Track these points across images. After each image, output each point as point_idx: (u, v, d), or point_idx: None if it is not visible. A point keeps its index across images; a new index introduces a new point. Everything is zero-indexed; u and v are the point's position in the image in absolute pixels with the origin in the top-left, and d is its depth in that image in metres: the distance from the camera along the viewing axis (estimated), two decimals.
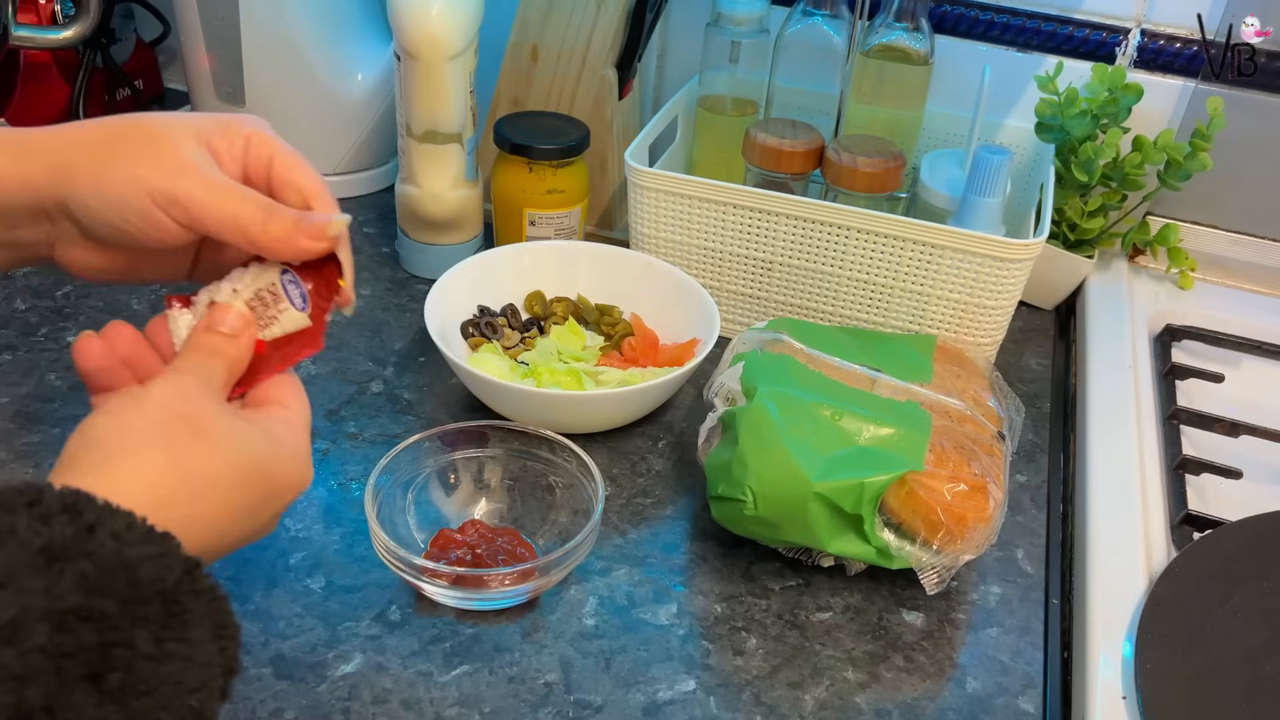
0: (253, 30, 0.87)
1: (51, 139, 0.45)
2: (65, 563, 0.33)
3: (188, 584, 0.36)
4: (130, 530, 0.35)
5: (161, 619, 0.35)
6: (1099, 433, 0.73)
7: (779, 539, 0.60)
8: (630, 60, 0.87)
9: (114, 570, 0.34)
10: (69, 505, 0.35)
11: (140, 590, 0.35)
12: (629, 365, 0.74)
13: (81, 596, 0.33)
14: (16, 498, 0.34)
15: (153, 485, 0.39)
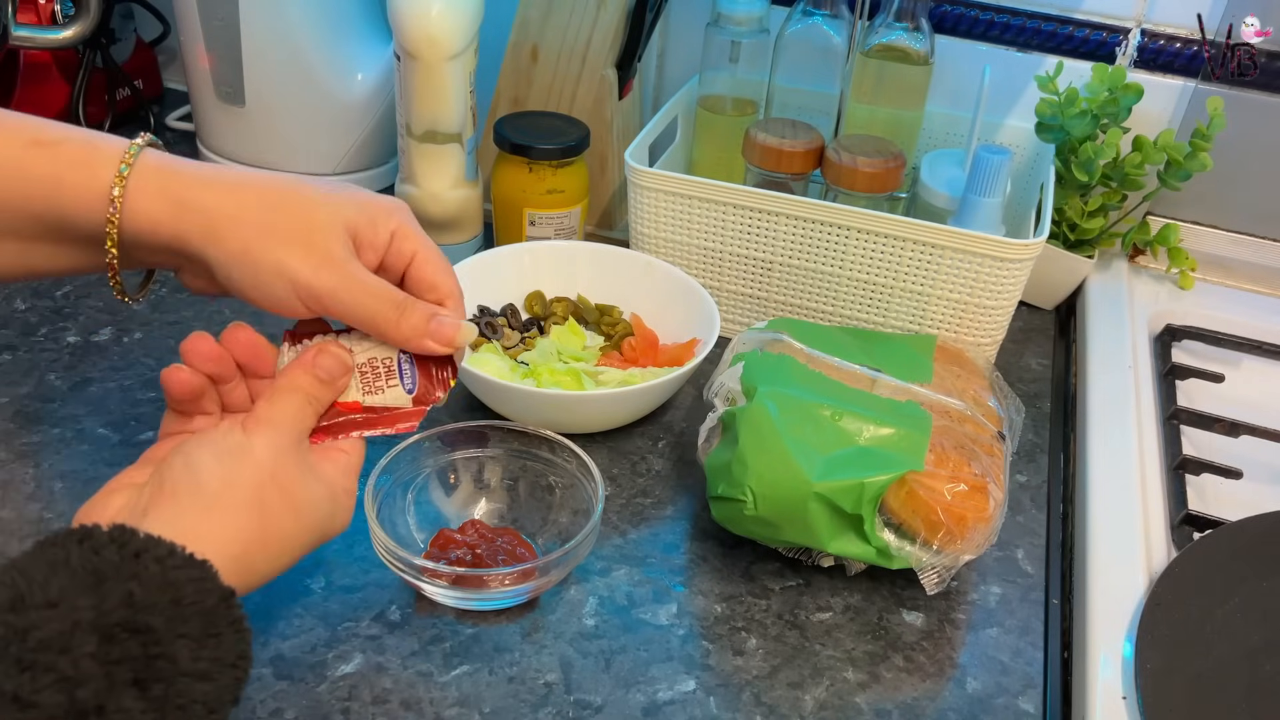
0: (253, 30, 0.87)
1: (211, 201, 0.47)
2: (114, 583, 0.37)
3: (224, 610, 0.40)
4: (172, 556, 0.39)
5: (199, 638, 0.38)
6: (1099, 433, 0.73)
7: (779, 539, 0.60)
8: (630, 60, 0.87)
9: (160, 589, 0.38)
10: (115, 537, 0.38)
11: (182, 609, 0.38)
12: (629, 365, 0.74)
13: (128, 612, 0.36)
14: (69, 536, 0.38)
15: (241, 543, 0.43)
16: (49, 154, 0.46)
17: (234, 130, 0.94)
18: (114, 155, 0.46)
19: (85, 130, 0.48)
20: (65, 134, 0.47)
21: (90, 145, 0.47)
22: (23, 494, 0.62)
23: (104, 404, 0.69)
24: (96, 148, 0.47)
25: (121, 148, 0.47)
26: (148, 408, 0.69)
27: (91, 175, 0.46)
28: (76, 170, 0.46)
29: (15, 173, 0.46)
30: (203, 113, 0.95)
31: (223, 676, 0.39)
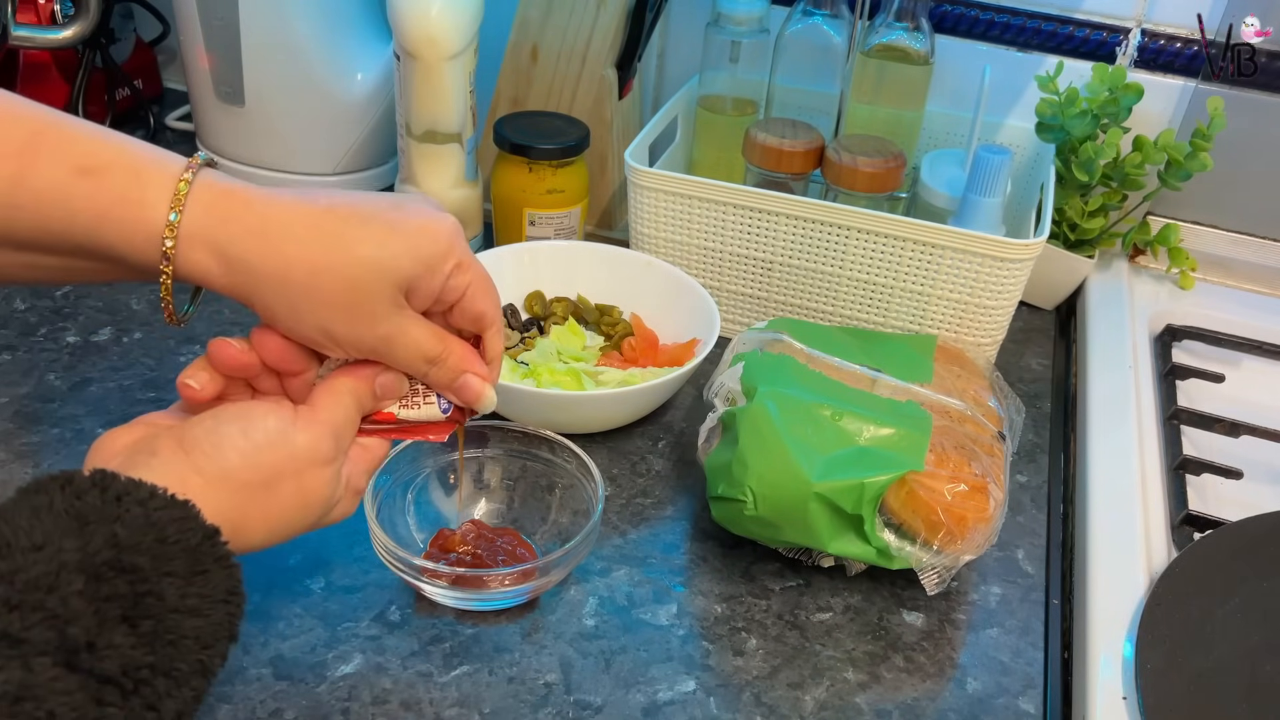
0: (252, 30, 0.87)
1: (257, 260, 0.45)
2: (97, 525, 0.37)
3: (208, 548, 0.40)
4: (154, 498, 0.39)
5: (186, 575, 0.39)
6: (1099, 433, 0.73)
7: (779, 539, 0.60)
8: (630, 60, 0.87)
9: (143, 529, 0.38)
10: (97, 482, 0.39)
11: (167, 548, 0.39)
12: (629, 365, 0.74)
13: (113, 553, 0.37)
14: (50, 482, 0.39)
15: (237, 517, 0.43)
16: (94, 185, 0.44)
17: (234, 130, 0.93)
18: (163, 192, 0.44)
19: (133, 151, 0.45)
20: (113, 157, 0.44)
21: (136, 175, 0.44)
22: None
23: (103, 404, 0.69)
24: (142, 178, 0.44)
25: (170, 179, 0.44)
26: (147, 408, 0.69)
27: (139, 213, 0.44)
28: (123, 207, 0.44)
29: (60, 202, 0.44)
30: (202, 113, 0.95)
31: (214, 612, 0.39)
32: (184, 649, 0.38)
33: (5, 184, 0.43)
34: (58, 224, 0.44)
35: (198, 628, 0.39)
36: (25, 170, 0.43)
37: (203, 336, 0.75)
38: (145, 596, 0.37)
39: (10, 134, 0.44)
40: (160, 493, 0.40)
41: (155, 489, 0.40)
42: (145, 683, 0.37)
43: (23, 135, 0.44)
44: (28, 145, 0.43)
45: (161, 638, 0.38)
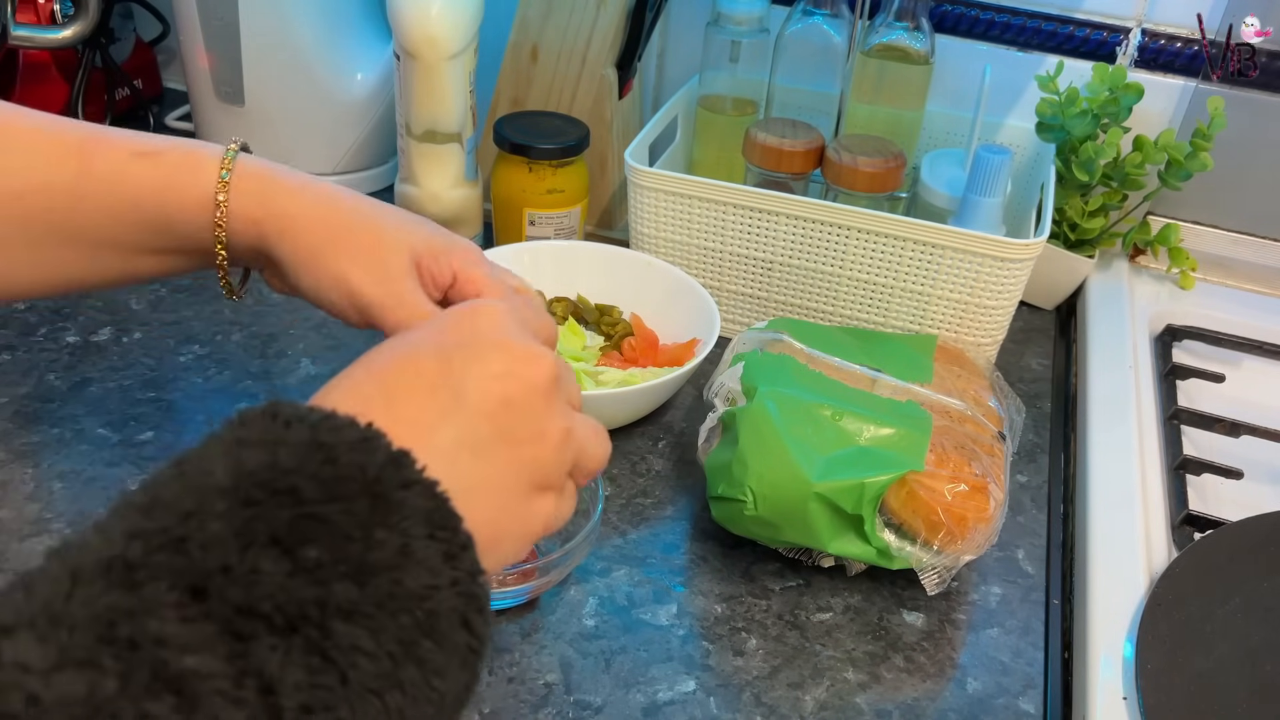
0: (252, 30, 0.87)
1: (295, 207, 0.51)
2: (254, 449, 0.31)
3: (394, 473, 0.32)
4: (325, 420, 0.33)
5: (366, 507, 0.31)
6: (1100, 433, 0.73)
7: (779, 539, 0.60)
8: (630, 60, 0.87)
9: (308, 451, 0.32)
10: (267, 410, 0.33)
11: (338, 471, 0.31)
12: (629, 365, 0.74)
13: (269, 475, 0.31)
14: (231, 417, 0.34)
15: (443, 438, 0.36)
16: (153, 162, 0.49)
17: (233, 130, 0.93)
18: (214, 161, 0.50)
19: (181, 139, 0.51)
20: (165, 144, 0.50)
21: (190, 153, 0.50)
22: (22, 494, 0.62)
23: (103, 404, 0.69)
24: (196, 154, 0.50)
25: (219, 153, 0.50)
26: (147, 407, 0.69)
27: (195, 180, 0.49)
28: (182, 175, 0.49)
29: (123, 181, 0.49)
30: (202, 113, 0.95)
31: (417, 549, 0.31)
32: (377, 591, 0.30)
33: (70, 177, 0.48)
34: (124, 205, 0.49)
35: (392, 563, 0.30)
36: (86, 162, 0.48)
37: (200, 336, 0.75)
38: (306, 519, 0.30)
39: (67, 137, 0.49)
40: (333, 414, 0.33)
41: (329, 411, 0.33)
42: (310, 622, 0.28)
43: (79, 138, 0.49)
44: (85, 142, 0.49)
45: (333, 569, 0.29)
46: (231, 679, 0.27)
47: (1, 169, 0.48)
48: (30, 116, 0.50)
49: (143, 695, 0.25)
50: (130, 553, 0.28)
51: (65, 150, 0.49)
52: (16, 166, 0.48)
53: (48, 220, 0.49)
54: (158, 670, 0.26)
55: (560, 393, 0.40)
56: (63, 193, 0.49)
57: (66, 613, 0.26)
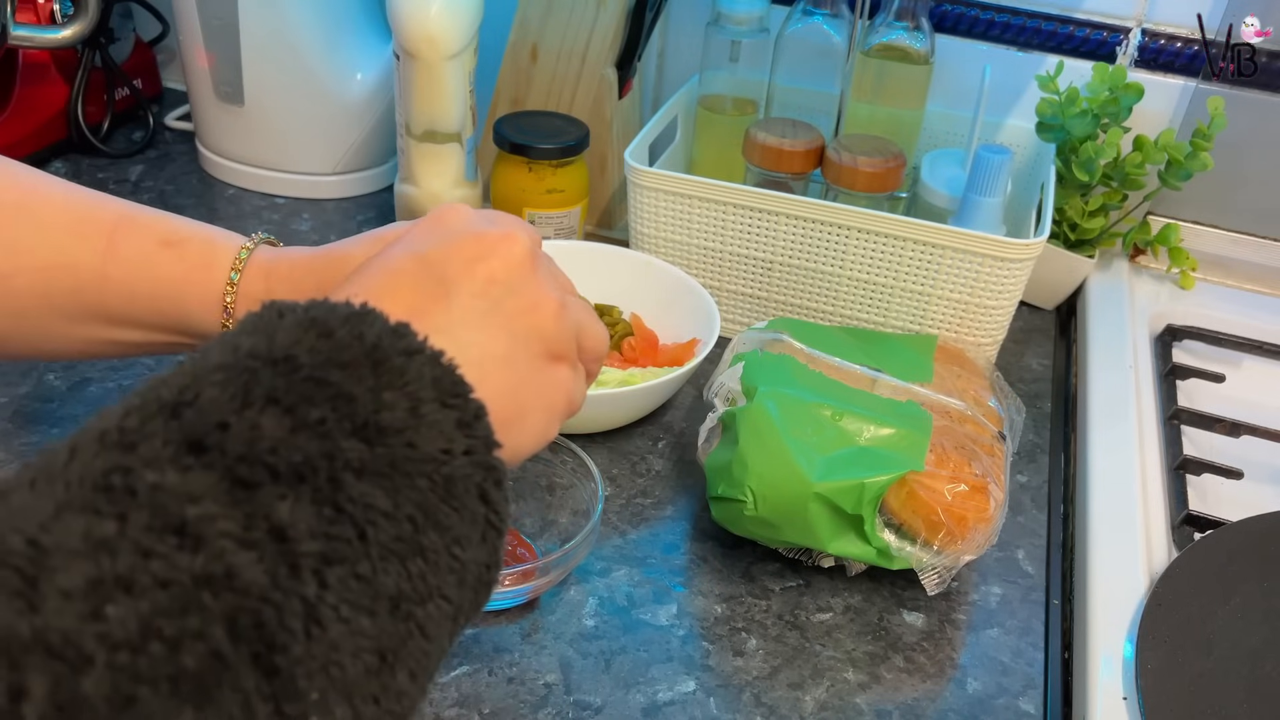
0: (252, 30, 0.87)
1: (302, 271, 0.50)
2: (248, 336, 0.31)
3: (393, 341, 0.31)
4: (316, 304, 0.32)
5: (369, 372, 0.30)
6: (1100, 433, 0.73)
7: (779, 539, 0.60)
8: (630, 60, 0.87)
9: (302, 328, 0.31)
10: (265, 304, 0.33)
11: (335, 342, 0.31)
12: (629, 365, 0.74)
13: (266, 349, 0.30)
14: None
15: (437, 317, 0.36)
16: (176, 254, 0.50)
17: (233, 130, 0.93)
18: (228, 258, 0.50)
19: (206, 227, 0.52)
20: (190, 232, 0.51)
21: (210, 246, 0.50)
22: None
23: (103, 404, 0.69)
24: (215, 249, 0.50)
25: (235, 249, 0.50)
26: None
27: (209, 277, 0.50)
28: (198, 271, 0.50)
29: (148, 270, 0.49)
30: (202, 112, 0.95)
31: (428, 412, 0.30)
32: (394, 447, 0.29)
33: (99, 257, 0.49)
34: (145, 293, 0.50)
35: (405, 423, 0.30)
36: (117, 244, 0.49)
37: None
38: (305, 383, 0.29)
39: (100, 218, 0.50)
40: (325, 300, 0.33)
41: (322, 300, 0.33)
42: (319, 473, 0.28)
43: (111, 218, 0.50)
44: (118, 224, 0.50)
45: (338, 427, 0.29)
46: (239, 522, 0.26)
47: (32, 245, 0.49)
48: (65, 192, 0.50)
49: (143, 535, 0.25)
50: (126, 422, 0.27)
51: (96, 231, 0.49)
52: (47, 243, 0.49)
53: (73, 296, 0.50)
54: (157, 514, 0.25)
55: (542, 266, 0.40)
56: (89, 272, 0.49)
57: (64, 473, 0.26)
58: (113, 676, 0.23)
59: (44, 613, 0.23)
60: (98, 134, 0.99)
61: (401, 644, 0.29)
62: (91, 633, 0.23)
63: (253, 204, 0.94)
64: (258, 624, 0.25)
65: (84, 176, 0.95)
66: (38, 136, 0.95)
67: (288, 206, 0.94)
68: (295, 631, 0.26)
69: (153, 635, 0.24)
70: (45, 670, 0.22)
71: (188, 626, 0.24)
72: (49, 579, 0.23)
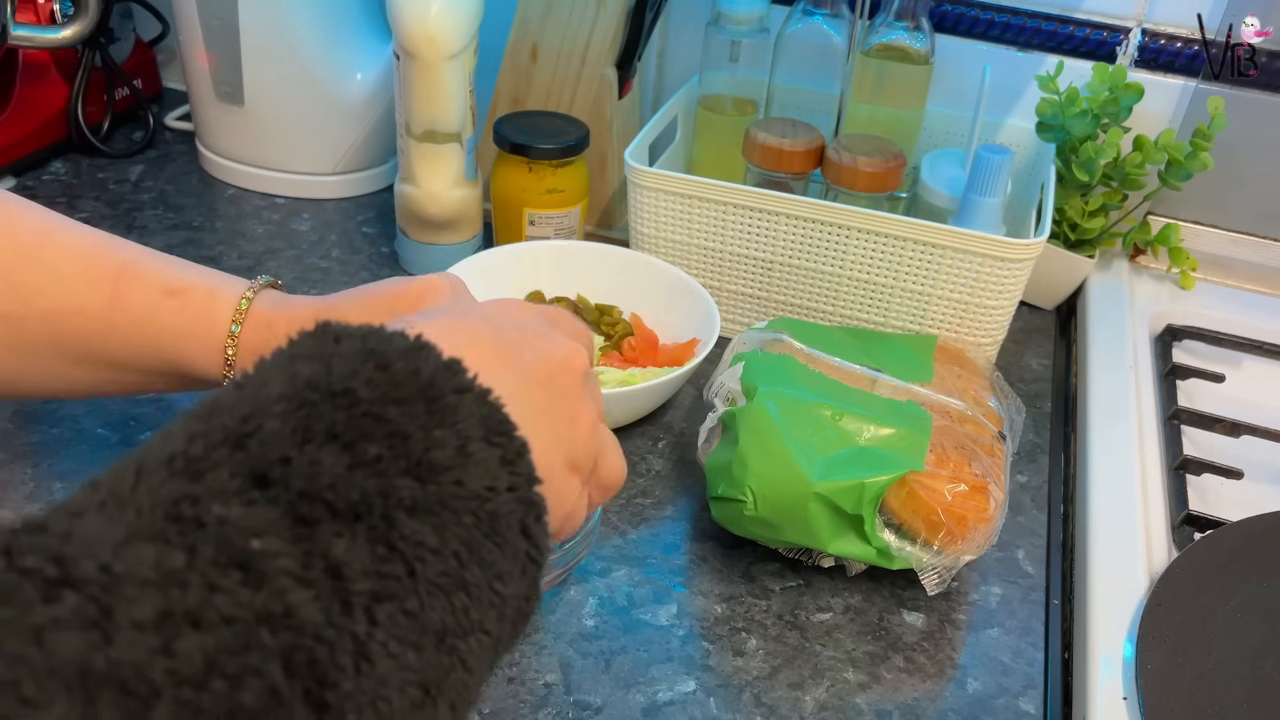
0: (252, 30, 0.87)
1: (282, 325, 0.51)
2: (306, 361, 0.31)
3: (447, 378, 0.32)
4: (374, 333, 0.33)
5: (423, 409, 0.31)
6: (1100, 433, 0.73)
7: (779, 539, 0.60)
8: (630, 60, 0.87)
9: (360, 359, 0.32)
10: (316, 329, 0.33)
11: (392, 375, 0.31)
12: (629, 365, 0.74)
13: (325, 380, 0.31)
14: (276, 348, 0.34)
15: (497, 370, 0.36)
16: (178, 304, 0.50)
17: (233, 130, 0.93)
18: (230, 309, 0.50)
19: (209, 275, 0.52)
20: (192, 280, 0.51)
21: (212, 295, 0.51)
22: (21, 494, 0.61)
23: (103, 404, 0.69)
24: (217, 299, 0.51)
25: (237, 299, 0.50)
26: (147, 408, 0.69)
27: (211, 329, 0.50)
28: (200, 322, 0.50)
29: (151, 319, 0.50)
30: (202, 112, 0.95)
31: (476, 451, 0.31)
32: (442, 491, 0.30)
33: (104, 305, 0.49)
34: (147, 341, 0.50)
35: (453, 462, 0.30)
36: (121, 293, 0.49)
37: None
38: (363, 419, 0.30)
39: (107, 264, 0.50)
40: (381, 328, 0.33)
41: (379, 327, 0.33)
42: (374, 512, 0.28)
43: (117, 265, 0.50)
44: (123, 273, 0.50)
45: (394, 465, 0.29)
46: (298, 560, 0.26)
47: (43, 289, 0.49)
48: (77, 237, 0.51)
49: (210, 569, 0.25)
50: (192, 449, 0.28)
51: (102, 278, 0.50)
52: (58, 289, 0.49)
53: (79, 341, 0.50)
54: (223, 547, 0.26)
55: (589, 384, 0.42)
56: (95, 319, 0.50)
57: (133, 498, 0.26)
58: (178, 712, 0.23)
59: (117, 645, 0.23)
60: (98, 134, 0.99)
61: (444, 676, 0.29)
62: (161, 667, 0.23)
63: (253, 204, 0.94)
64: (311, 661, 0.25)
65: (84, 176, 0.95)
66: (38, 136, 0.95)
67: (288, 206, 0.94)
68: (345, 668, 0.26)
69: (216, 672, 0.24)
70: (117, 705, 0.22)
71: (248, 663, 0.24)
72: (124, 609, 0.23)
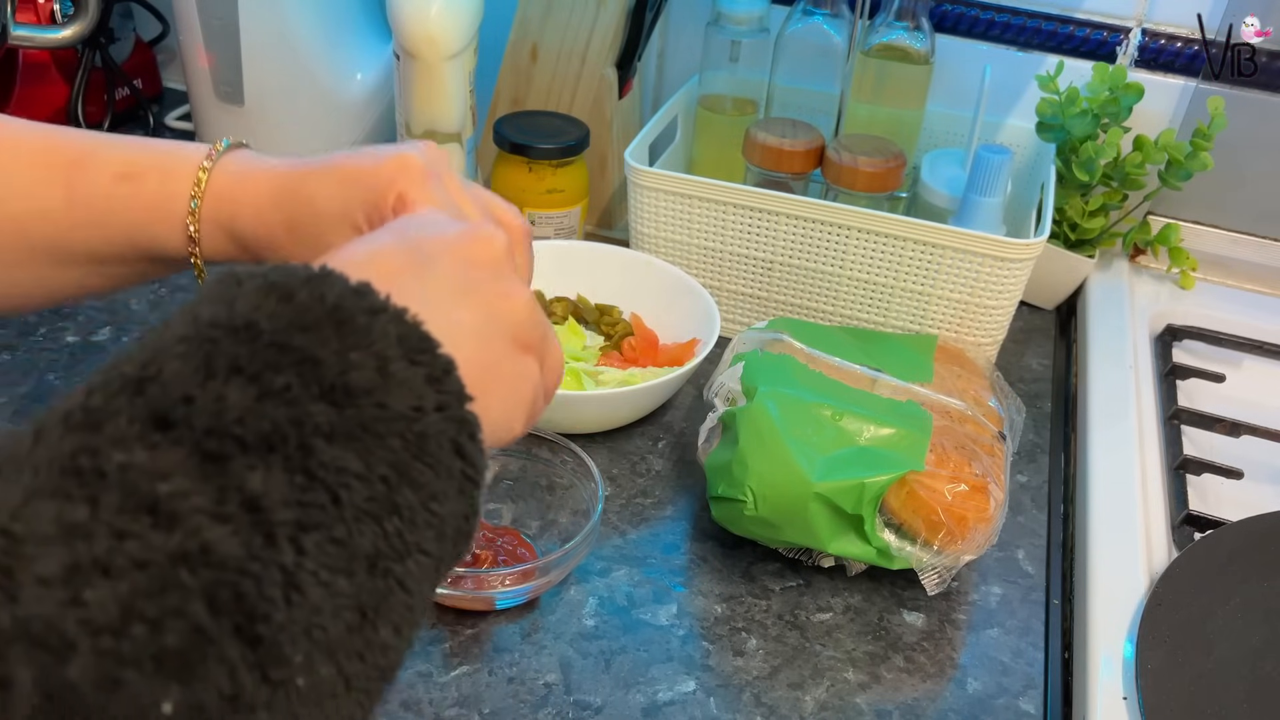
0: (252, 30, 0.87)
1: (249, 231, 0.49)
2: (208, 305, 0.30)
3: (356, 300, 0.31)
4: (280, 268, 0.32)
5: (333, 333, 0.30)
6: (1100, 433, 0.73)
7: (779, 539, 0.60)
8: (630, 59, 0.87)
9: (262, 294, 0.30)
10: (224, 272, 0.32)
11: (295, 305, 0.30)
12: (629, 365, 0.74)
13: (226, 318, 0.29)
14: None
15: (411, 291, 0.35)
16: (134, 187, 0.48)
17: (233, 130, 0.93)
18: (187, 185, 0.48)
19: (163, 151, 0.49)
20: (148, 161, 0.49)
21: (167, 176, 0.48)
22: None
23: None
24: (173, 176, 0.48)
25: (193, 174, 0.48)
26: None
27: (172, 209, 0.48)
28: (160, 202, 0.48)
29: (110, 207, 0.48)
30: (202, 112, 0.95)
31: (397, 370, 0.30)
32: (363, 413, 0.29)
33: (62, 202, 0.48)
34: (115, 230, 0.48)
35: (373, 384, 0.29)
36: (76, 186, 0.47)
37: None
38: (268, 349, 0.29)
39: (58, 160, 0.48)
40: (285, 265, 0.32)
41: (282, 264, 0.32)
42: (288, 441, 0.27)
43: (69, 159, 0.48)
44: (75, 166, 0.48)
45: (304, 392, 0.28)
46: (211, 497, 0.26)
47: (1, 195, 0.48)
48: (23, 135, 0.49)
49: (115, 517, 0.24)
50: (90, 401, 0.27)
51: (53, 174, 0.48)
52: (12, 194, 0.48)
53: (49, 241, 0.49)
54: (129, 494, 0.25)
55: (513, 264, 0.40)
56: (58, 217, 0.48)
57: (29, 459, 0.25)
58: (98, 661, 0.23)
59: (23, 602, 0.22)
60: None
61: (382, 600, 0.29)
62: (73, 619, 0.23)
63: None
64: (237, 596, 0.25)
65: None
66: None
67: None
68: (275, 600, 0.26)
69: (134, 617, 0.23)
70: (30, 660, 0.22)
71: (168, 605, 0.24)
72: (25, 568, 0.23)
